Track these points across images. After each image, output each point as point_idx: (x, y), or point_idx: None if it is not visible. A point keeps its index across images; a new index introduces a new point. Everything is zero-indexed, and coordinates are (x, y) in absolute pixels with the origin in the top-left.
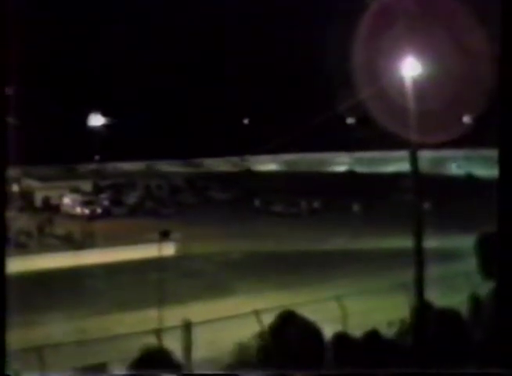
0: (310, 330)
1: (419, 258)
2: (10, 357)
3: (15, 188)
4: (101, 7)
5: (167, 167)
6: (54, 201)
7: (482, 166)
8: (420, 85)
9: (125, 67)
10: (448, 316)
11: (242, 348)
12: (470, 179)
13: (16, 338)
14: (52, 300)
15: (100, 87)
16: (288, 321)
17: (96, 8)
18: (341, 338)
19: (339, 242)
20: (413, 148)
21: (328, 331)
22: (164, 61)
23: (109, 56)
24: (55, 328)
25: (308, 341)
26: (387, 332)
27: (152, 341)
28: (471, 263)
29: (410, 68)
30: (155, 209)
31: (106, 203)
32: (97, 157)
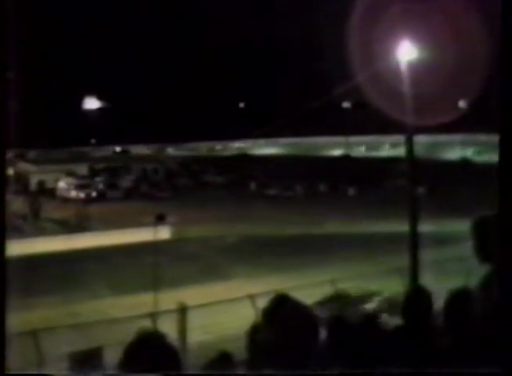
0: (304, 314)
1: (413, 242)
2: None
3: (10, 171)
4: None
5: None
6: (49, 185)
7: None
8: (416, 69)
9: (123, 55)
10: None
11: None
12: (465, 164)
13: (9, 322)
14: (47, 283)
15: (97, 71)
16: (281, 305)
17: None
18: (336, 321)
19: (334, 226)
20: (409, 132)
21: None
22: (160, 47)
23: (108, 41)
24: (50, 312)
25: (302, 324)
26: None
27: (147, 324)
28: (466, 247)
29: (406, 52)
30: (150, 193)
31: (101, 186)
32: (93, 141)
